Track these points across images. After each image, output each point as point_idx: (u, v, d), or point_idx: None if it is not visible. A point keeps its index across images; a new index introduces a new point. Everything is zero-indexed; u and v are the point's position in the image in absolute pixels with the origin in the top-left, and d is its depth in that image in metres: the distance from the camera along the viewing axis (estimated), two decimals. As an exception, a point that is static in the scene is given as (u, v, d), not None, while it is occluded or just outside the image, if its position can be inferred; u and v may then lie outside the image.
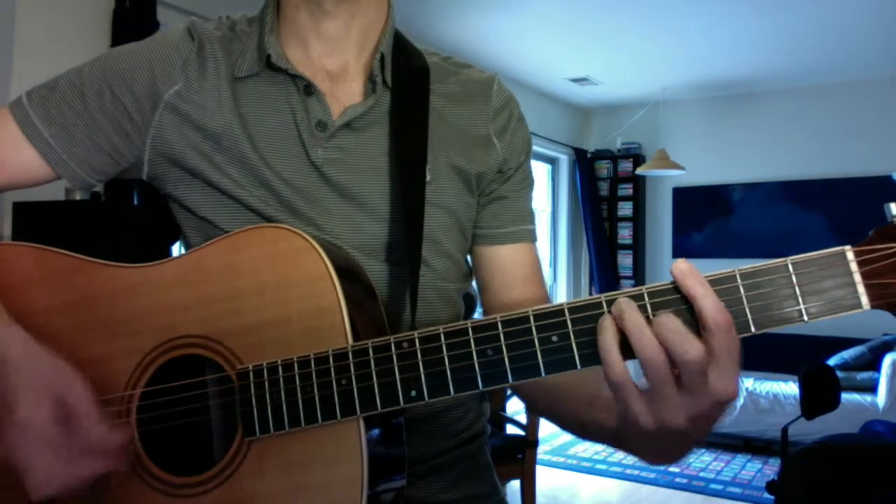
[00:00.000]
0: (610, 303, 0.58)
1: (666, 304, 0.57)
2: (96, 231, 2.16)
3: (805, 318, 0.54)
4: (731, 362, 0.55)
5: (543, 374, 0.58)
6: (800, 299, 0.55)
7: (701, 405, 0.56)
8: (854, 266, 0.54)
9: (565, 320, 0.58)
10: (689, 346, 0.54)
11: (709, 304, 0.55)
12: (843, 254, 0.54)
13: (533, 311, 0.60)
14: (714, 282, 0.56)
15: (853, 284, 0.54)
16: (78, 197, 2.33)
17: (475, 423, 0.89)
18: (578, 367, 0.58)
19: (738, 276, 0.56)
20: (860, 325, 5.20)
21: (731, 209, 6.20)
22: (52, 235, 2.11)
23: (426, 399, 0.62)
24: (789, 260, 0.55)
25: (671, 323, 0.55)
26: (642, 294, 0.57)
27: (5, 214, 2.38)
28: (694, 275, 0.56)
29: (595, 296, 0.58)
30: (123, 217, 2.32)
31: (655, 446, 0.62)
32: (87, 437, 0.66)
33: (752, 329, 0.55)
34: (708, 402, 0.55)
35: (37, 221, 2.17)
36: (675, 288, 0.57)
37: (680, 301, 0.56)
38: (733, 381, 0.55)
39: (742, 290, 0.56)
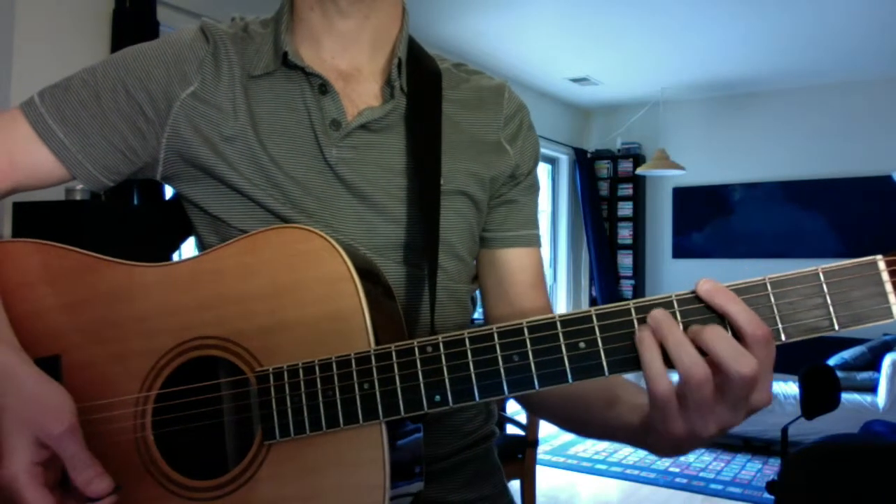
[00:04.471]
0: (638, 309, 0.57)
1: (698, 313, 0.56)
2: (97, 231, 2.15)
3: (836, 327, 0.54)
4: (769, 374, 0.55)
5: (571, 381, 0.58)
6: (830, 309, 0.54)
7: (738, 417, 0.56)
8: (885, 276, 0.54)
9: (593, 327, 0.58)
10: (746, 361, 0.54)
11: (746, 319, 0.55)
12: (874, 263, 0.54)
13: (560, 316, 0.59)
14: (744, 290, 0.56)
15: (884, 294, 0.54)
16: (78, 197, 2.32)
17: (485, 425, 0.90)
18: (606, 373, 0.57)
19: (768, 285, 0.55)
20: (860, 326, 5.20)
21: (731, 209, 6.20)
22: (52, 236, 2.08)
23: (451, 404, 0.61)
24: (820, 269, 0.55)
25: (723, 337, 0.54)
26: (671, 301, 0.56)
27: (5, 214, 2.36)
28: (722, 292, 0.56)
29: (623, 302, 0.57)
30: (123, 217, 2.30)
31: (675, 446, 0.62)
32: (75, 479, 0.65)
33: (783, 338, 0.55)
34: (744, 413, 0.56)
35: (37, 221, 2.15)
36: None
37: (708, 309, 0.56)
38: (769, 391, 0.56)
39: (773, 299, 0.55)
